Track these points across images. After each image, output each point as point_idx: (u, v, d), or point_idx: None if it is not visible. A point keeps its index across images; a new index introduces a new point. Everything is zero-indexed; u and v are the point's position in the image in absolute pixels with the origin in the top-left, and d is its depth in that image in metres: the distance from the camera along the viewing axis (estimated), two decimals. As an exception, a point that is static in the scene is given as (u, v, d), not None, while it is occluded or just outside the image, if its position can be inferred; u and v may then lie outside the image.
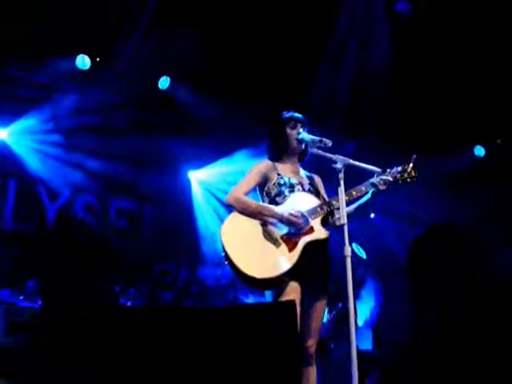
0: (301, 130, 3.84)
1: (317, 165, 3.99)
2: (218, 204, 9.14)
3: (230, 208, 3.77)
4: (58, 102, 8.06)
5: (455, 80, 7.90)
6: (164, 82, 8.18)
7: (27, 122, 8.09)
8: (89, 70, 7.67)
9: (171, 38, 7.29)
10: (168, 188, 9.16)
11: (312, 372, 3.60)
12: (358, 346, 3.29)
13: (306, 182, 3.91)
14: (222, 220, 3.74)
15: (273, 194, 3.79)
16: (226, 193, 3.81)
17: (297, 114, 3.93)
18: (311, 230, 3.64)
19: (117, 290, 7.56)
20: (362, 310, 9.43)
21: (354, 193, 3.73)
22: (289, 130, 3.87)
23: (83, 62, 7.60)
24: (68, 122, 8.29)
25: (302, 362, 3.56)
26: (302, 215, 3.64)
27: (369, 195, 3.79)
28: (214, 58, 7.70)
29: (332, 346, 6.38)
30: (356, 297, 8.48)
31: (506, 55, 7.51)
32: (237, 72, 7.86)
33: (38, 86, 8.08)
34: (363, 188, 3.77)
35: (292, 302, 3.20)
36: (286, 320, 2.86)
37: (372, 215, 9.99)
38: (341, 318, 6.87)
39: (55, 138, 8.39)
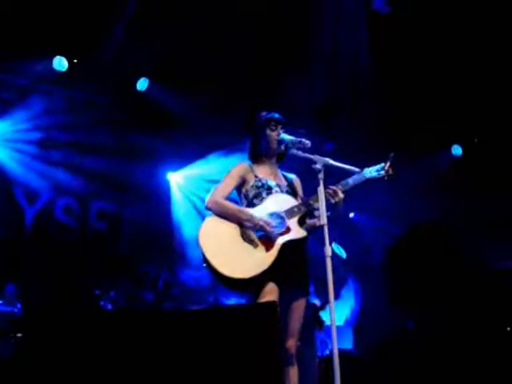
0: (281, 131, 3.86)
1: (296, 165, 3.99)
2: (199, 204, 9.10)
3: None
4: (35, 103, 7.99)
5: (432, 80, 7.97)
6: (142, 83, 8.16)
7: (3, 124, 8.00)
8: (66, 71, 7.65)
9: (149, 38, 7.26)
10: (147, 190, 9.10)
11: (294, 372, 3.60)
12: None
13: (283, 183, 3.92)
14: (203, 220, 3.73)
15: (251, 196, 3.80)
16: (207, 191, 3.80)
17: (277, 115, 3.93)
18: (288, 229, 3.66)
19: (97, 293, 7.49)
20: (343, 309, 9.47)
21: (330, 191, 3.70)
22: (269, 131, 3.87)
23: (60, 63, 7.60)
24: (45, 123, 8.21)
25: (283, 362, 3.55)
26: (279, 216, 3.66)
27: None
28: (192, 58, 7.68)
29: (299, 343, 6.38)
30: (336, 296, 8.51)
31: (485, 54, 7.55)
32: (215, 72, 7.86)
33: (14, 88, 8.00)
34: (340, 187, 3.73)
35: (274, 303, 3.20)
36: (268, 321, 2.86)
37: (351, 214, 10.02)
38: (310, 320, 6.87)
39: (32, 139, 8.29)
